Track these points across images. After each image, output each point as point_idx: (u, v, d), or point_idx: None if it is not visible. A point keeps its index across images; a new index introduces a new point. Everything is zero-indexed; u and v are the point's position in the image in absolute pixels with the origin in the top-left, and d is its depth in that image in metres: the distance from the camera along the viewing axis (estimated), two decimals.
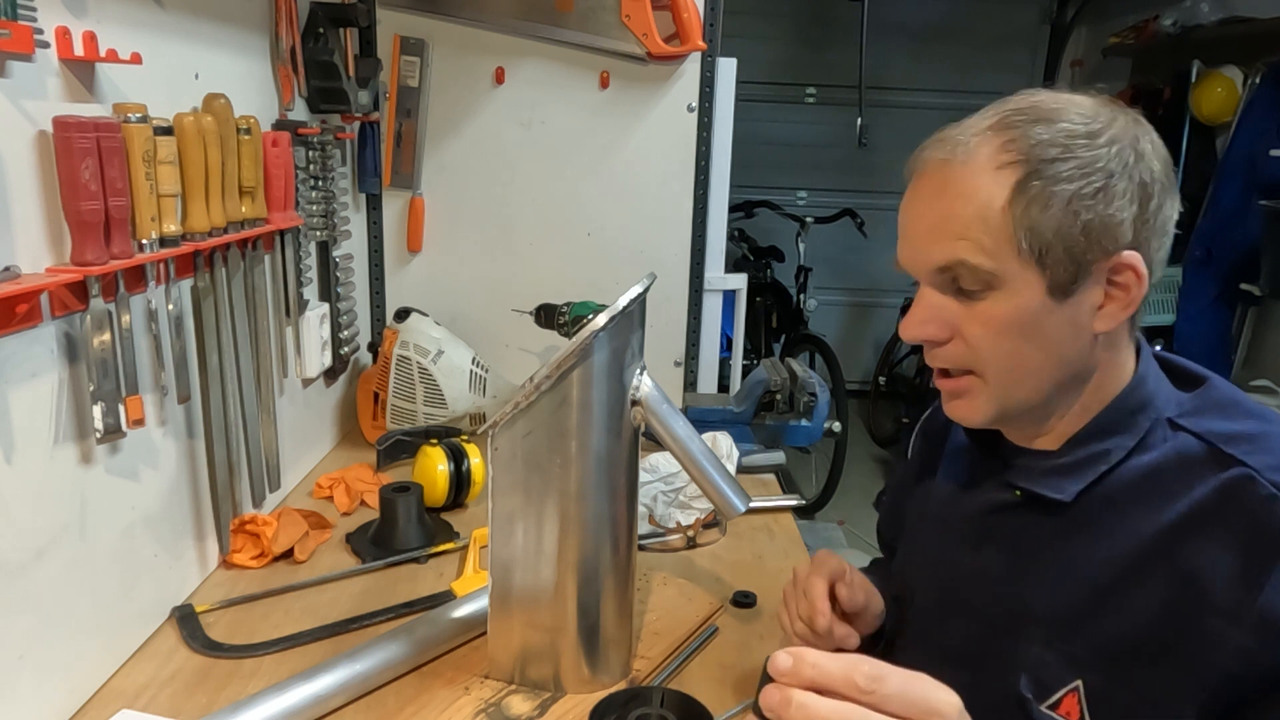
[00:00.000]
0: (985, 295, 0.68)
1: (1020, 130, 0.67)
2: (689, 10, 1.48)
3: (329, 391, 1.50)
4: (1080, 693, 0.70)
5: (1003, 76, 4.14)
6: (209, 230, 0.94)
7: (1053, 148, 0.66)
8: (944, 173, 0.69)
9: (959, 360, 0.72)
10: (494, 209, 1.63)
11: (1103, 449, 0.71)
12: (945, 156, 0.69)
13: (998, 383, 0.71)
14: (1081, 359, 0.70)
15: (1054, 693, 0.71)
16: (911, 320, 0.73)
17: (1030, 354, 0.69)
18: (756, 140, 3.92)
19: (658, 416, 0.85)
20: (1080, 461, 0.72)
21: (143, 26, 0.89)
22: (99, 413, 0.81)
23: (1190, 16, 2.95)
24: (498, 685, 0.89)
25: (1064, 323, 0.68)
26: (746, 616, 1.05)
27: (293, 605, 1.03)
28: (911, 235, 0.72)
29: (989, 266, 0.67)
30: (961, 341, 0.71)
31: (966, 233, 0.67)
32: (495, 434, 0.82)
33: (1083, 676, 0.70)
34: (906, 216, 0.73)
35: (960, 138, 0.69)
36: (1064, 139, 0.66)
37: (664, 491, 1.29)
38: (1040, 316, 0.68)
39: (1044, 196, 0.65)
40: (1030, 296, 0.67)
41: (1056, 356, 0.70)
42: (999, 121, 0.68)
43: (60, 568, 0.80)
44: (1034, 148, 0.66)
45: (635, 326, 0.84)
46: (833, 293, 4.39)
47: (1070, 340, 0.69)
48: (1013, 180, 0.66)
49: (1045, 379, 0.71)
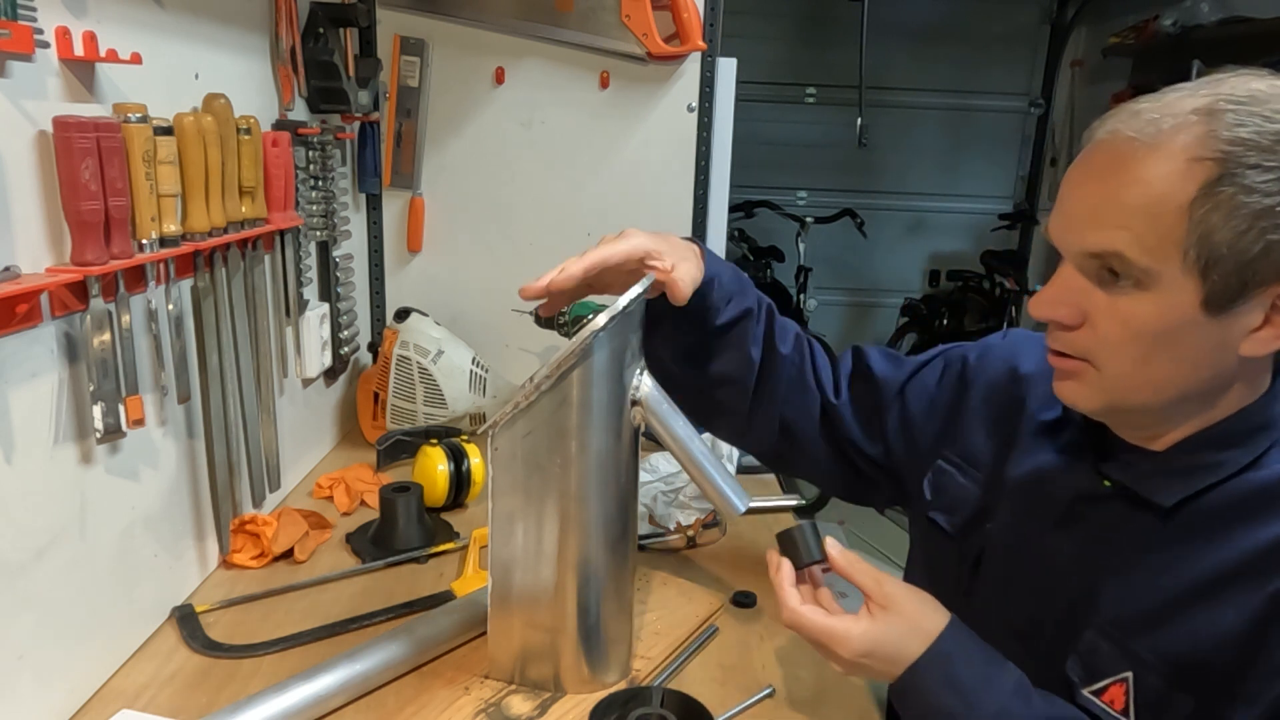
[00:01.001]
0: (1132, 291, 0.63)
1: (1227, 121, 0.59)
2: (689, 10, 1.48)
3: (329, 391, 1.50)
4: (1129, 685, 0.68)
5: (1003, 76, 4.15)
6: (209, 230, 0.94)
7: (1257, 151, 0.58)
8: (1127, 151, 0.62)
9: (1081, 348, 0.67)
10: (494, 209, 1.63)
11: (1215, 460, 0.67)
12: (1133, 134, 0.62)
13: (1114, 381, 0.67)
14: (1215, 378, 0.65)
15: (1101, 680, 0.70)
16: (1044, 298, 0.68)
17: (1161, 363, 0.64)
18: (756, 140, 3.92)
19: (657, 416, 0.85)
20: (1187, 469, 0.68)
21: (143, 26, 0.89)
22: (99, 413, 0.81)
23: (1190, 16, 2.95)
24: (498, 685, 0.89)
25: (1209, 338, 0.63)
26: (746, 616, 1.05)
27: (293, 605, 1.03)
28: (1070, 210, 0.66)
29: (1146, 264, 0.61)
30: (1091, 331, 0.66)
31: (1132, 223, 0.61)
32: (495, 434, 0.82)
33: (1135, 671, 0.68)
34: (1070, 189, 0.66)
35: (1156, 116, 0.62)
36: (1273, 143, 0.58)
37: (664, 491, 1.29)
38: (1185, 327, 0.62)
39: (1232, 205, 0.59)
40: (1181, 305, 0.62)
41: (1189, 370, 0.65)
42: (1208, 105, 0.60)
43: (60, 568, 0.80)
44: (1236, 147, 0.59)
45: (635, 327, 0.84)
46: (833, 293, 4.38)
47: (1210, 357, 0.64)
48: (1202, 178, 0.59)
49: (1170, 389, 0.66)
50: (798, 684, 0.92)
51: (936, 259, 4.35)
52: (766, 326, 0.97)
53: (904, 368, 0.97)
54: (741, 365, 0.96)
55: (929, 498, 0.92)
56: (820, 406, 0.99)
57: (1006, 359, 0.90)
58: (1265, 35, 2.67)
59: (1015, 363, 0.89)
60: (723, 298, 0.93)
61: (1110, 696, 0.69)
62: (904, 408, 0.95)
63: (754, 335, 0.96)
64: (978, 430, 0.89)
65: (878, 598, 0.71)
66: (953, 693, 0.69)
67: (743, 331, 0.95)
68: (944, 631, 0.71)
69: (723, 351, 0.95)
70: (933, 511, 0.91)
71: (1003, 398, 0.88)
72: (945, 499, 0.90)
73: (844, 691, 0.90)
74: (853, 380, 0.99)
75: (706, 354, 0.96)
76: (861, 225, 3.88)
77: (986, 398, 0.90)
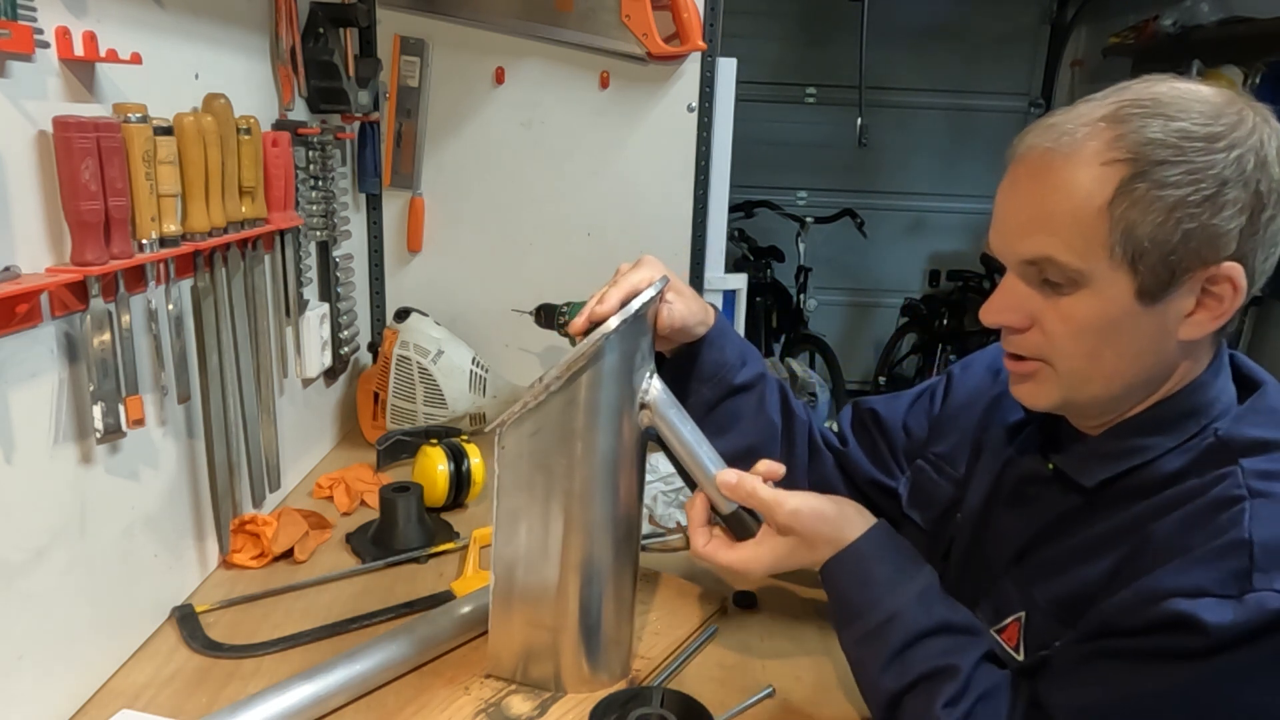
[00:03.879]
0: (1070, 291, 0.67)
1: (1133, 125, 0.63)
2: (689, 10, 1.48)
3: (329, 391, 1.50)
4: (1021, 622, 0.76)
5: (1003, 76, 4.15)
6: (209, 230, 0.94)
7: (1164, 149, 0.62)
8: (1045, 162, 0.66)
9: (1034, 349, 0.71)
10: (494, 209, 1.63)
11: (1138, 445, 0.71)
12: (1050, 145, 0.66)
13: (1069, 377, 0.71)
14: (1160, 364, 0.69)
15: (1003, 619, 0.78)
16: (992, 306, 0.72)
17: (1107, 355, 0.68)
18: (756, 140, 3.92)
19: (666, 421, 0.85)
20: (1112, 453, 0.73)
21: (143, 26, 0.89)
22: (99, 413, 0.81)
23: (1190, 16, 2.95)
24: (498, 685, 0.89)
25: (1148, 327, 0.67)
26: (746, 617, 1.05)
27: (293, 605, 1.03)
28: (1003, 224, 0.70)
29: (1077, 265, 0.65)
30: (1040, 332, 0.70)
31: (1058, 229, 0.65)
32: (502, 432, 0.82)
33: (1028, 610, 0.75)
34: (1000, 203, 0.71)
35: (1068, 127, 0.66)
36: (1178, 139, 0.62)
37: (664, 491, 1.29)
38: (1124, 319, 0.66)
39: (1146, 200, 0.62)
40: (1117, 298, 0.65)
41: (1133, 359, 0.68)
42: (1113, 113, 0.65)
43: (60, 568, 0.80)
44: (1144, 147, 0.63)
45: (645, 330, 0.84)
46: (833, 293, 4.38)
47: (1151, 345, 0.68)
48: (1117, 179, 0.63)
49: (1118, 379, 0.70)
50: (798, 684, 0.92)
51: (936, 259, 4.36)
52: (782, 395, 1.03)
53: (902, 399, 1.04)
54: (765, 430, 1.01)
55: (903, 494, 0.98)
56: (835, 462, 1.05)
57: (989, 366, 0.96)
58: (1265, 35, 2.66)
59: (995, 369, 0.95)
60: (737, 356, 0.99)
61: (1007, 634, 0.77)
62: (908, 433, 1.01)
63: (771, 401, 1.01)
64: (955, 433, 0.95)
65: (782, 518, 0.79)
66: (861, 588, 0.77)
67: (761, 395, 1.00)
68: (864, 535, 0.79)
69: (746, 415, 1.00)
70: (908, 508, 0.97)
71: (981, 405, 0.93)
72: (920, 496, 0.96)
73: (844, 691, 0.90)
74: (855, 426, 1.06)
75: (731, 418, 0.99)
76: (861, 225, 3.88)
77: (966, 403, 0.96)
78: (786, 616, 1.04)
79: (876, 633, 0.74)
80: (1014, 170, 0.70)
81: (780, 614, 1.05)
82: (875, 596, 0.76)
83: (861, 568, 0.78)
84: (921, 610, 0.74)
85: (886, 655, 0.73)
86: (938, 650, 0.72)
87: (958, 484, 0.93)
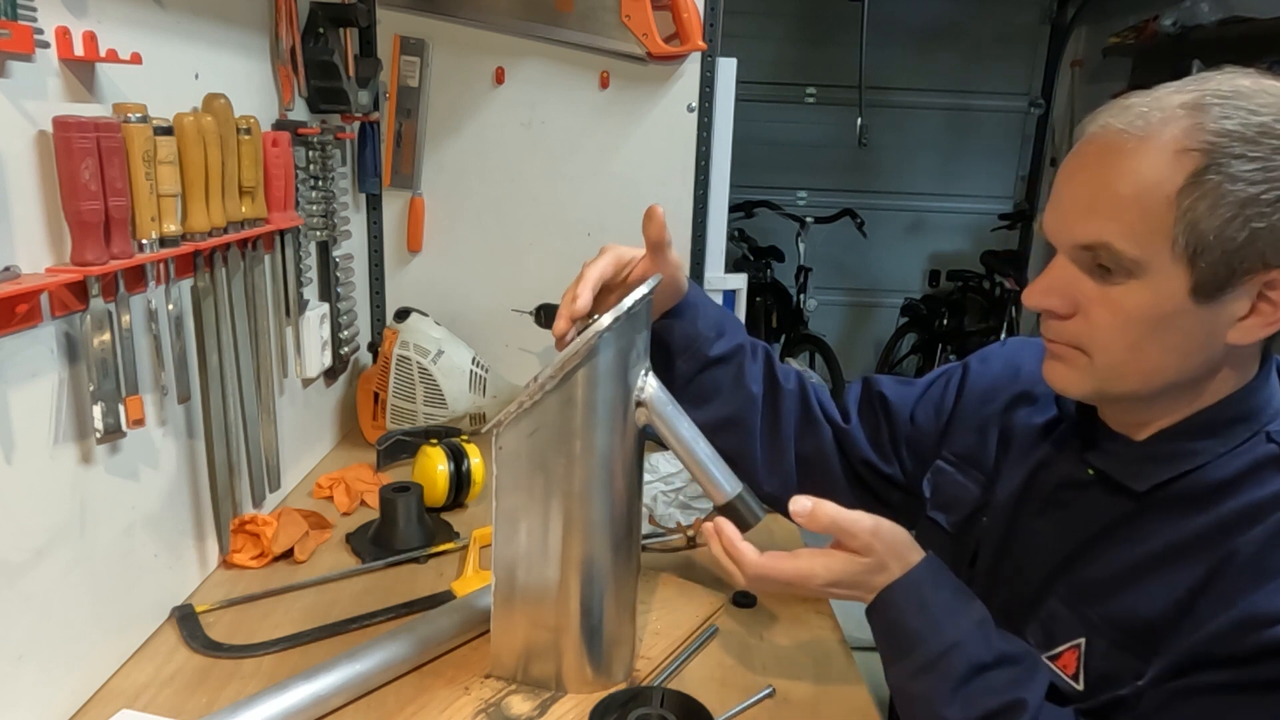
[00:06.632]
0: (1123, 281, 0.65)
1: (1213, 115, 0.61)
2: (689, 10, 1.48)
3: (329, 391, 1.50)
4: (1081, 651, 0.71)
5: (1003, 76, 4.15)
6: (209, 230, 0.94)
7: (1242, 143, 0.60)
8: (1117, 144, 0.64)
9: (1074, 338, 0.69)
10: (494, 209, 1.63)
11: (1191, 449, 0.69)
12: (1123, 127, 0.64)
13: (1105, 370, 0.69)
14: (1203, 365, 0.67)
15: (1057, 646, 0.73)
16: (1037, 288, 0.70)
17: (1151, 350, 0.66)
18: (756, 140, 3.93)
19: (662, 418, 0.85)
20: (1164, 456, 0.70)
21: (143, 26, 0.89)
22: (99, 413, 0.81)
23: (1190, 16, 2.95)
24: (498, 685, 0.89)
25: (1197, 326, 0.64)
26: (746, 616, 1.05)
27: (293, 605, 1.03)
28: (1063, 203, 0.68)
29: (1134, 254, 0.63)
30: (1084, 320, 0.68)
31: (1121, 214, 0.63)
32: (500, 433, 0.82)
33: (1088, 636, 0.71)
34: (1062, 182, 0.68)
35: (1145, 109, 0.64)
36: (1257, 134, 0.60)
37: (664, 491, 1.29)
38: (1174, 315, 0.64)
39: (1218, 194, 0.60)
40: (1170, 293, 0.63)
41: (1179, 359, 0.66)
42: (1194, 100, 0.62)
43: (60, 568, 0.80)
44: (1221, 138, 0.60)
45: (640, 327, 0.84)
46: (833, 293, 4.38)
47: (1197, 345, 0.66)
48: (1189, 168, 0.61)
49: (1158, 376, 0.68)
50: (798, 684, 0.92)
51: (936, 259, 4.36)
52: (766, 366, 1.01)
53: (914, 386, 1.01)
54: (744, 402, 0.98)
55: (928, 496, 0.94)
56: (833, 436, 1.01)
57: (1007, 362, 0.93)
58: (1265, 35, 2.67)
59: (1015, 366, 0.92)
60: (710, 327, 0.97)
61: (1064, 662, 0.72)
62: (914, 422, 0.98)
63: (751, 373, 0.99)
64: (977, 431, 0.91)
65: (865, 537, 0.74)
66: (920, 615, 0.73)
67: (738, 367, 0.98)
68: (922, 561, 0.75)
69: (724, 386, 0.98)
70: (932, 511, 0.93)
71: (1002, 400, 0.90)
72: (943, 497, 0.92)
73: (844, 691, 0.90)
74: (862, 404, 1.02)
75: (709, 390, 0.98)
76: (861, 225, 3.88)
77: (986, 400, 0.92)
78: (786, 616, 1.04)
79: (938, 663, 0.70)
80: (1082, 149, 0.67)
81: (780, 614, 1.05)
82: (935, 623, 0.72)
83: (922, 594, 0.74)
84: (983, 640, 0.71)
85: (950, 686, 0.69)
86: (1002, 683, 0.69)
87: (982, 484, 0.89)
